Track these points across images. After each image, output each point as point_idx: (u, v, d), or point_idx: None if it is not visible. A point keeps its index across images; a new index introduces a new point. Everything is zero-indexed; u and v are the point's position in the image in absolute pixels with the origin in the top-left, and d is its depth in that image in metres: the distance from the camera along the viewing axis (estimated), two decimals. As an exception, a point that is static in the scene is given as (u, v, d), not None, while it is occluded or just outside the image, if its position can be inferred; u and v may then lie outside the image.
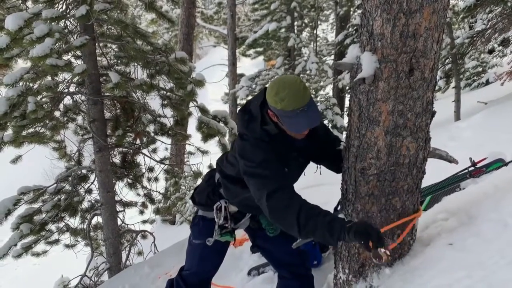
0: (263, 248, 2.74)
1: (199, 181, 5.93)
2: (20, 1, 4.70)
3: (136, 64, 5.30)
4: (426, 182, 2.40)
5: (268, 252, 2.72)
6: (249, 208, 2.48)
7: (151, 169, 6.45)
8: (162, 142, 6.08)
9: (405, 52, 1.85)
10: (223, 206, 2.49)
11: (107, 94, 5.20)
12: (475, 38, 7.76)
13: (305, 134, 2.20)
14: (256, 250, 4.03)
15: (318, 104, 13.09)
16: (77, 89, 5.31)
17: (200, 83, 5.25)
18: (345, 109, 14.01)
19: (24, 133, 4.73)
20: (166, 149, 8.19)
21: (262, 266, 3.67)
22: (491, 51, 13.37)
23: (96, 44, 5.01)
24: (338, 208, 2.31)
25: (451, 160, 2.32)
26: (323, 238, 1.88)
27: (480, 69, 14.01)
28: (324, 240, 1.90)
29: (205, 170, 6.01)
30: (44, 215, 5.39)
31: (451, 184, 3.40)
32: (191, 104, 5.48)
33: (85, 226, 5.87)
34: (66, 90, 5.14)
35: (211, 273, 2.76)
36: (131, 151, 6.05)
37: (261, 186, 2.07)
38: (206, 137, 5.39)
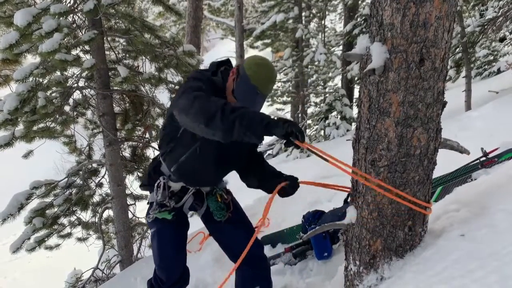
0: (220, 241, 2.74)
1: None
2: (28, -3, 4.72)
3: (144, 57, 5.31)
4: (437, 173, 2.38)
5: (225, 245, 2.72)
6: (191, 172, 2.50)
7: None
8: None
9: (416, 42, 1.82)
10: (162, 182, 2.54)
11: (116, 88, 5.22)
12: (486, 26, 7.63)
13: None
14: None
15: (327, 95, 13.04)
16: (86, 84, 5.33)
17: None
18: (354, 100, 13.93)
19: (34, 128, 4.78)
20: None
21: (273, 258, 3.68)
22: (502, 39, 13.16)
23: (104, 38, 5.02)
24: (348, 200, 2.30)
25: (462, 150, 2.30)
26: (249, 129, 1.90)
27: (491, 57, 13.81)
28: (249, 132, 1.91)
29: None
30: (56, 209, 5.45)
31: (462, 175, 3.37)
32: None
33: (96, 220, 5.93)
34: (76, 85, 5.17)
35: (174, 262, 2.67)
36: (140, 144, 6.08)
37: (192, 96, 2.11)
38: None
